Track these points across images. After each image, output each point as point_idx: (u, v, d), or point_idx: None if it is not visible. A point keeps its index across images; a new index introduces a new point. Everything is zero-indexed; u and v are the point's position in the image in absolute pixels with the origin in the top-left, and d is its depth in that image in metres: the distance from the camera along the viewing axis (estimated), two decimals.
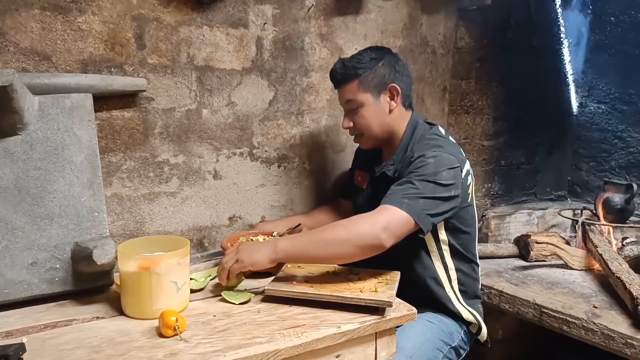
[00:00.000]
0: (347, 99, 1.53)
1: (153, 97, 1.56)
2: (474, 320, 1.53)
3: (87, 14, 1.43)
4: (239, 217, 1.79)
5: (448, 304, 1.51)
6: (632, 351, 1.46)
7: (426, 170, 1.34)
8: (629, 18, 2.49)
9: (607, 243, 2.03)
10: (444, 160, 1.37)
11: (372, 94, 1.50)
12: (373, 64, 1.49)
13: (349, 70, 1.50)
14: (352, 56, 1.54)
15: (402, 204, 1.26)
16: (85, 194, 1.33)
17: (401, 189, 1.32)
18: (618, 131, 2.58)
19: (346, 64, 1.51)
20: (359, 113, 1.52)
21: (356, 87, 1.50)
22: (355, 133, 1.58)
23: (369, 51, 1.54)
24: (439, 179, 1.33)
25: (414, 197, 1.28)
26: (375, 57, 1.51)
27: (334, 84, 1.59)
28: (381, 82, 1.50)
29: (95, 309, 1.23)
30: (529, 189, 2.69)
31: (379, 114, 1.52)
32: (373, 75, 1.49)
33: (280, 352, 1.04)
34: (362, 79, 1.49)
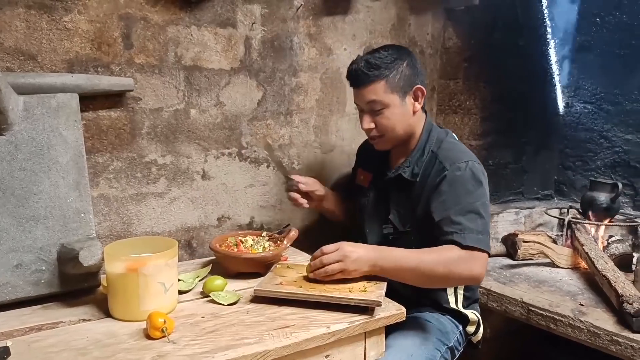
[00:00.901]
0: (370, 99, 1.44)
1: (140, 97, 1.55)
2: (476, 318, 1.57)
3: (73, 13, 1.41)
4: (227, 217, 1.78)
5: (445, 304, 1.54)
6: (617, 348, 1.48)
7: (472, 187, 1.38)
8: (614, 19, 2.52)
9: (593, 241, 2.05)
10: (478, 170, 1.41)
11: (398, 95, 1.44)
12: (398, 63, 1.43)
13: (375, 70, 1.41)
14: (373, 55, 1.44)
15: (482, 242, 1.32)
16: (71, 194, 1.31)
17: (468, 221, 1.33)
18: (604, 131, 2.61)
19: (371, 62, 1.42)
20: (383, 114, 1.45)
21: (383, 87, 1.42)
22: (377, 134, 1.50)
23: (390, 50, 1.46)
24: (484, 192, 1.40)
25: (484, 229, 1.34)
26: (398, 56, 1.44)
27: (353, 83, 1.49)
28: (407, 82, 1.44)
29: (82, 311, 1.22)
30: (517, 188, 2.72)
31: (404, 115, 1.46)
32: (399, 76, 1.43)
33: (270, 352, 1.04)
34: (389, 79, 1.42)
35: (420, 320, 1.49)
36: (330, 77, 1.94)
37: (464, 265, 1.30)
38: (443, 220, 1.36)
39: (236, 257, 1.44)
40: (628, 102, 2.50)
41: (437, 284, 1.41)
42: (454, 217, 1.34)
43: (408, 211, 1.49)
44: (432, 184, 1.42)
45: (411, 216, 1.48)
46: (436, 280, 1.33)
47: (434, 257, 1.31)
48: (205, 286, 1.31)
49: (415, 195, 1.47)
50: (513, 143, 2.63)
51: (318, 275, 1.28)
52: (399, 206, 1.52)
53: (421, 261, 1.30)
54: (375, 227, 1.58)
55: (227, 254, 1.45)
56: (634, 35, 2.45)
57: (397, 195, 1.52)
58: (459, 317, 1.56)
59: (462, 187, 1.37)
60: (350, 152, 1.93)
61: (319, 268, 1.28)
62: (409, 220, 1.49)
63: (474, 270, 1.31)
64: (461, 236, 1.32)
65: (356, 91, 1.48)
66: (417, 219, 1.46)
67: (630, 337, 1.45)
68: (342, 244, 1.31)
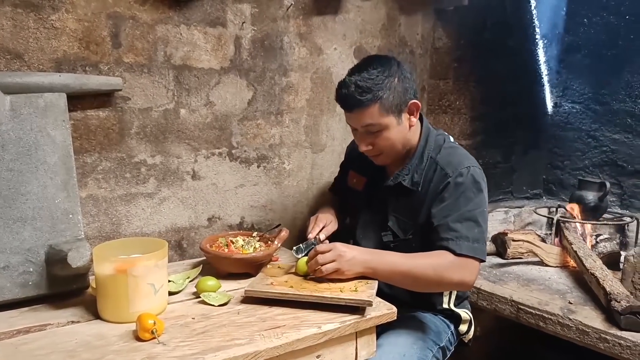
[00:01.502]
0: (366, 123, 1.38)
1: (129, 97, 1.54)
2: (469, 317, 1.58)
3: (61, 12, 1.40)
4: (218, 217, 1.77)
5: (439, 305, 1.55)
6: (605, 345, 1.50)
7: (471, 193, 1.38)
8: (601, 20, 2.55)
9: (582, 240, 2.07)
10: (478, 175, 1.41)
11: (394, 116, 1.39)
12: (389, 81, 1.36)
13: (367, 94, 1.34)
14: (362, 76, 1.36)
15: (476, 251, 1.34)
16: (59, 195, 1.30)
17: (464, 229, 1.34)
18: (592, 130, 2.64)
19: (361, 85, 1.34)
20: (381, 136, 1.40)
21: (377, 111, 1.36)
22: (375, 153, 1.46)
23: (378, 66, 1.38)
24: (482, 199, 1.40)
25: (479, 237, 1.35)
26: (389, 74, 1.37)
27: (345, 108, 1.42)
28: (401, 100, 1.39)
29: (71, 313, 1.20)
30: (506, 188, 2.74)
31: (401, 133, 1.43)
32: (393, 95, 1.37)
33: (261, 353, 1.04)
34: (382, 100, 1.35)
35: (412, 320, 1.49)
36: (321, 77, 1.94)
37: (455, 272, 1.32)
38: (441, 225, 1.37)
39: (227, 258, 1.43)
40: (615, 102, 2.53)
41: (429, 288, 1.42)
42: (451, 223, 1.35)
43: (408, 219, 1.48)
44: (435, 191, 1.42)
45: (413, 224, 1.47)
46: (427, 284, 1.35)
47: (426, 262, 1.33)
48: (198, 287, 1.30)
49: (417, 203, 1.45)
50: (502, 143, 2.65)
51: (316, 274, 1.30)
52: (397, 213, 1.51)
53: (414, 265, 1.32)
54: (371, 233, 1.56)
55: (217, 255, 1.44)
56: (620, 35, 2.47)
57: (396, 202, 1.51)
58: (451, 316, 1.56)
59: (463, 194, 1.38)
60: (341, 151, 1.93)
61: (315, 268, 1.30)
62: (410, 227, 1.48)
63: (465, 277, 1.33)
64: (456, 243, 1.33)
65: (349, 114, 1.42)
66: (420, 227, 1.45)
67: (618, 335, 1.47)
68: (336, 244, 1.33)
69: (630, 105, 2.47)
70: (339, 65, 1.97)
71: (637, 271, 1.67)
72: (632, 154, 2.47)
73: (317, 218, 1.57)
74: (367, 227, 1.58)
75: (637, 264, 1.67)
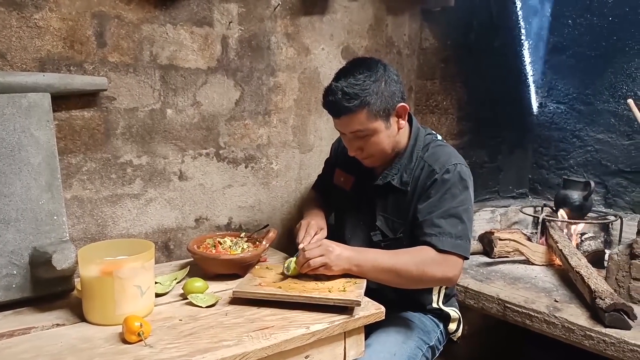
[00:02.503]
0: (355, 129, 1.38)
1: (115, 97, 1.52)
2: (457, 315, 1.59)
3: (44, 11, 1.38)
4: (205, 218, 1.76)
5: (428, 305, 1.55)
6: (590, 342, 1.51)
7: (457, 190, 1.38)
8: (585, 21, 2.59)
9: (567, 239, 2.10)
10: (465, 173, 1.42)
11: (382, 120, 1.38)
12: (376, 87, 1.35)
13: (354, 100, 1.33)
14: (348, 82, 1.35)
15: (459, 248, 1.34)
16: (43, 196, 1.28)
17: (448, 225, 1.35)
18: (576, 130, 2.67)
19: (348, 92, 1.33)
20: (370, 141, 1.40)
21: (365, 116, 1.35)
22: (364, 157, 1.46)
23: (364, 70, 1.37)
24: (468, 197, 1.40)
25: (463, 234, 1.36)
26: (374, 78, 1.36)
27: (333, 114, 1.41)
28: (389, 104, 1.38)
29: (56, 316, 1.19)
30: (492, 187, 2.76)
31: (390, 136, 1.43)
32: (380, 100, 1.36)
33: (249, 354, 1.03)
34: (370, 106, 1.34)
35: (402, 320, 1.50)
36: (309, 77, 1.94)
37: (437, 268, 1.33)
38: (425, 221, 1.37)
39: (214, 259, 1.42)
40: (599, 102, 2.56)
41: (412, 285, 1.41)
42: (435, 219, 1.36)
43: (398, 218, 1.48)
44: (423, 188, 1.42)
45: (402, 223, 1.48)
46: (410, 280, 1.35)
47: (408, 258, 1.34)
48: (185, 288, 1.29)
49: (406, 202, 1.46)
50: (489, 143, 2.68)
51: (304, 270, 1.31)
52: (386, 213, 1.51)
53: (396, 261, 1.33)
54: (360, 233, 1.56)
55: (205, 256, 1.43)
56: (603, 37, 2.51)
57: (384, 202, 1.51)
58: (440, 315, 1.57)
59: (448, 191, 1.38)
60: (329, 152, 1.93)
61: (303, 263, 1.31)
62: (400, 226, 1.48)
63: (447, 273, 1.34)
64: (439, 239, 1.34)
65: (337, 121, 1.42)
66: (409, 225, 1.46)
67: (602, 332, 1.49)
68: (323, 240, 1.35)
69: (614, 105, 2.51)
70: (327, 65, 1.97)
71: (621, 269, 1.69)
72: (615, 153, 2.51)
73: (309, 225, 1.53)
74: (355, 227, 1.58)
75: (621, 262, 1.69)
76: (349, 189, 1.61)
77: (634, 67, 2.42)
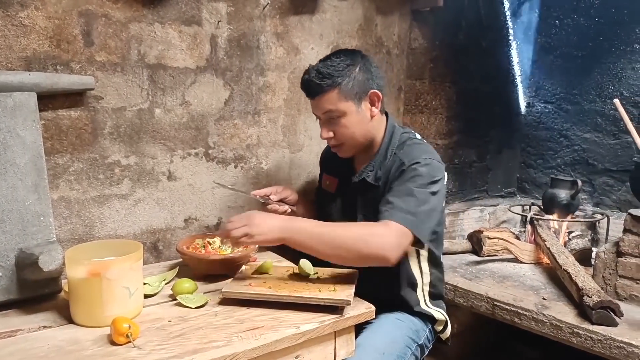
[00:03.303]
0: (326, 109, 1.42)
1: (102, 96, 1.51)
2: (443, 317, 1.58)
3: (30, 9, 1.36)
4: (194, 219, 1.75)
5: (416, 306, 1.55)
6: (578, 340, 1.53)
7: (422, 180, 1.35)
8: (572, 22, 2.61)
9: (555, 237, 2.12)
10: (436, 169, 1.39)
11: (353, 102, 1.41)
12: (350, 70, 1.40)
13: (327, 79, 1.38)
14: (324, 63, 1.41)
15: (407, 221, 1.27)
16: (30, 197, 1.27)
17: (402, 201, 1.30)
18: (563, 130, 2.70)
19: (322, 71, 1.39)
20: (340, 123, 1.43)
21: (336, 96, 1.39)
22: (336, 143, 1.48)
23: (342, 56, 1.42)
24: (432, 188, 1.35)
25: (416, 211, 1.30)
26: (350, 62, 1.41)
27: (308, 94, 1.46)
28: (361, 88, 1.41)
29: (42, 318, 1.17)
30: (481, 186, 2.78)
31: (361, 122, 1.44)
32: (353, 83, 1.40)
33: (239, 355, 1.03)
34: (342, 87, 1.38)
35: (391, 319, 1.50)
36: (298, 77, 1.92)
37: (379, 239, 1.24)
38: (381, 202, 1.35)
39: (204, 259, 1.42)
40: (586, 102, 2.59)
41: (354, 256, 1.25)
42: (390, 197, 1.34)
43: (374, 216, 1.47)
44: (393, 181, 1.41)
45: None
46: (349, 252, 1.24)
47: (348, 227, 1.28)
48: (174, 289, 1.28)
49: (380, 197, 1.45)
50: (477, 142, 2.69)
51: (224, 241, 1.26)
52: (365, 210, 1.52)
53: (334, 230, 1.26)
54: None
55: (194, 256, 1.42)
56: (590, 37, 2.54)
57: (363, 200, 1.52)
58: (427, 316, 1.58)
59: (412, 180, 1.35)
60: (319, 151, 1.92)
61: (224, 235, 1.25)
62: None
63: (387, 241, 1.24)
64: (389, 213, 1.29)
65: (312, 102, 1.46)
66: None
67: (589, 329, 1.50)
68: (250, 211, 1.29)
69: (600, 105, 2.54)
70: None
71: (608, 267, 1.71)
72: (602, 152, 2.54)
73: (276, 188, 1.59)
74: None
75: (608, 260, 1.71)
76: (334, 191, 1.64)
77: (620, 67, 2.45)
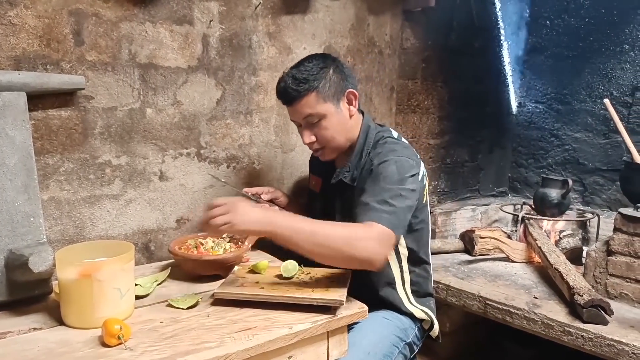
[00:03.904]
0: (306, 114, 1.42)
1: (92, 96, 1.49)
2: (427, 317, 1.57)
3: (19, 8, 1.34)
4: (187, 219, 1.74)
5: (400, 305, 1.55)
6: (569, 338, 1.54)
7: (392, 178, 1.33)
8: (563, 22, 2.63)
9: (546, 236, 2.13)
10: (406, 166, 1.37)
11: (332, 103, 1.42)
12: (325, 72, 1.41)
13: (303, 84, 1.39)
14: (297, 69, 1.42)
15: (388, 221, 1.26)
16: (19, 198, 1.25)
17: (377, 201, 1.29)
18: (554, 129, 2.72)
19: (297, 77, 1.40)
20: (321, 125, 1.43)
21: (314, 99, 1.40)
22: (318, 147, 1.49)
23: (313, 60, 1.44)
24: (405, 186, 1.34)
25: (392, 210, 1.28)
26: (323, 65, 1.42)
27: (285, 102, 1.46)
28: (338, 89, 1.43)
29: (33, 320, 1.16)
30: (473, 186, 2.79)
31: (340, 122, 1.45)
32: (329, 84, 1.41)
33: (231, 356, 1.02)
34: (319, 89, 1.40)
35: (377, 318, 1.49)
36: None
37: (362, 243, 1.22)
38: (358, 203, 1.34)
39: (196, 260, 1.41)
40: (577, 101, 2.61)
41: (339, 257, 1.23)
42: (365, 199, 1.32)
43: (350, 217, 1.45)
44: (363, 184, 1.41)
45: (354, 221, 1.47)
46: (336, 254, 1.22)
47: (333, 227, 1.25)
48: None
49: (354, 198, 1.45)
50: (469, 142, 2.70)
51: (203, 227, 1.19)
52: (343, 212, 1.52)
53: (319, 228, 1.22)
54: None
55: (186, 257, 1.42)
56: (580, 37, 2.56)
57: (341, 201, 1.54)
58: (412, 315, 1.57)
59: (382, 180, 1.34)
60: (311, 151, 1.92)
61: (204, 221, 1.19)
62: None
63: (371, 249, 1.23)
64: (369, 215, 1.28)
65: (290, 109, 1.46)
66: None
67: (580, 327, 1.51)
68: (234, 198, 1.25)
69: (591, 105, 2.55)
70: None
71: (599, 266, 1.73)
72: (592, 152, 2.56)
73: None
74: None
75: (598, 258, 1.72)
76: (319, 191, 1.66)
77: (610, 67, 2.47)
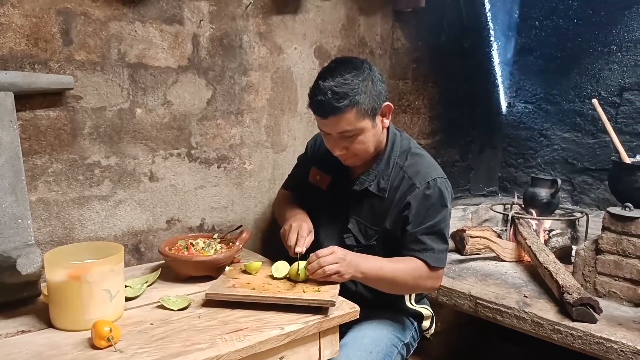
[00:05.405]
0: (343, 129, 1.36)
1: (81, 96, 1.48)
2: (430, 313, 1.61)
3: (6, 7, 1.33)
4: (177, 220, 1.73)
5: (402, 305, 1.56)
6: (558, 336, 1.55)
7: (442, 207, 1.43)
8: (552, 23, 2.65)
9: (535, 235, 2.15)
10: (446, 188, 1.45)
11: (370, 119, 1.37)
12: (363, 86, 1.34)
13: (344, 99, 1.31)
14: (337, 81, 1.33)
15: (442, 261, 1.44)
16: (7, 199, 1.24)
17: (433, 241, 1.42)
18: (543, 129, 2.74)
19: (338, 91, 1.31)
20: (356, 140, 1.39)
21: (354, 116, 1.34)
22: (349, 157, 1.44)
23: (351, 70, 1.35)
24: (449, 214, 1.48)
25: (445, 250, 1.45)
26: (362, 77, 1.34)
27: (321, 115, 1.37)
28: (375, 104, 1.37)
29: (21, 322, 1.15)
30: (464, 186, 2.81)
31: (376, 135, 1.43)
32: (369, 99, 1.35)
33: (222, 357, 1.02)
34: (359, 105, 1.33)
35: (377, 318, 1.50)
36: (281, 77, 1.93)
37: (428, 281, 1.44)
38: (409, 236, 1.42)
39: (187, 261, 1.40)
40: (565, 102, 2.63)
41: (403, 292, 1.54)
42: (419, 236, 1.41)
43: (372, 224, 1.49)
44: (402, 200, 1.43)
45: (377, 230, 1.48)
46: (404, 289, 1.50)
47: (407, 271, 1.41)
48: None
49: (382, 209, 1.46)
50: (459, 142, 2.72)
51: (316, 276, 1.30)
52: (359, 217, 1.51)
53: (397, 273, 1.40)
54: (334, 233, 1.55)
55: (177, 258, 1.41)
56: (569, 38, 2.58)
57: (358, 206, 1.51)
58: (413, 314, 1.59)
59: (431, 207, 1.42)
60: (302, 151, 1.92)
61: (316, 270, 1.30)
62: (374, 233, 1.49)
63: (435, 285, 1.48)
64: (425, 255, 1.41)
65: (324, 120, 1.38)
66: (384, 234, 1.47)
67: (570, 326, 1.53)
68: (334, 247, 1.35)
69: (579, 105, 2.58)
70: (300, 65, 1.96)
71: (588, 264, 1.74)
72: (581, 151, 2.59)
73: (301, 227, 1.46)
74: (328, 227, 1.57)
75: (587, 257, 1.74)
76: (325, 188, 1.60)
77: (598, 68, 2.49)
